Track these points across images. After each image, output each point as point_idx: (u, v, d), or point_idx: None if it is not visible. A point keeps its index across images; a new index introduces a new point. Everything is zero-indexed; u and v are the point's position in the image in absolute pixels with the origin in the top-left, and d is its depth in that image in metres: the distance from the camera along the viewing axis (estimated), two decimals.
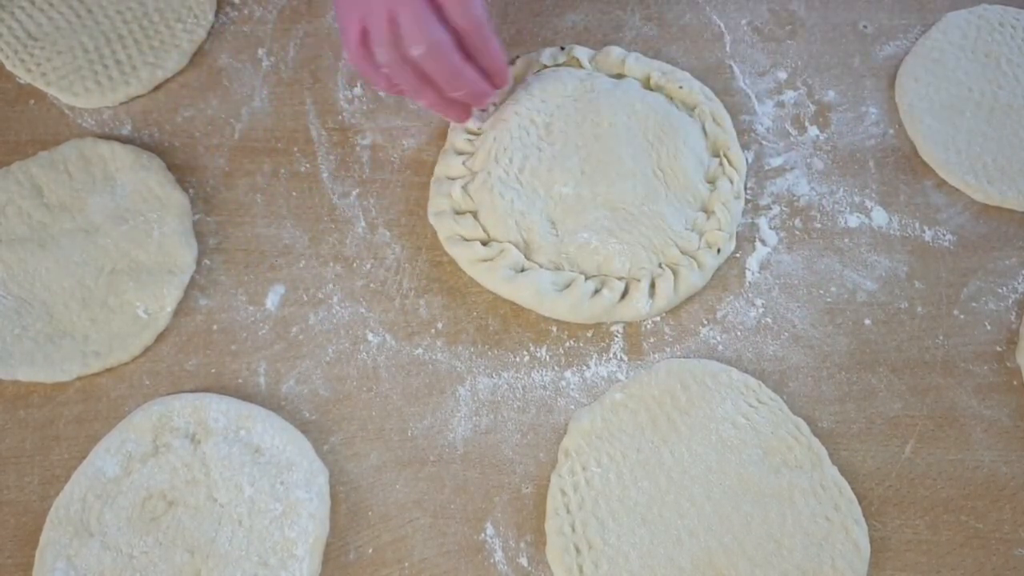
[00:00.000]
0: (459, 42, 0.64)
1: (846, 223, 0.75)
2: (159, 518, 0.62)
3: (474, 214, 0.72)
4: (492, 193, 0.72)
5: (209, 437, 0.64)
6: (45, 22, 0.80)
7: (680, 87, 0.77)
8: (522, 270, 0.70)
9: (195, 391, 0.67)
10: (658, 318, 0.71)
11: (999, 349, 0.71)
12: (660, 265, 0.71)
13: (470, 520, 0.64)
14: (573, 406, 0.68)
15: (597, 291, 0.69)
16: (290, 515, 0.62)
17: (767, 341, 0.71)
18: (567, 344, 0.70)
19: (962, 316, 0.72)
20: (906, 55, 0.82)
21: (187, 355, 0.69)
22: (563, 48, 0.79)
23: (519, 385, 0.68)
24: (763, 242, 0.74)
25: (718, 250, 0.71)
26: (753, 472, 0.64)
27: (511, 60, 0.80)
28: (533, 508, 0.64)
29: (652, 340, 0.70)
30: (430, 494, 0.65)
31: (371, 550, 0.63)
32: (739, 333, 0.71)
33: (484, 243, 0.71)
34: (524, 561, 0.63)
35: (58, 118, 0.78)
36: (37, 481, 0.65)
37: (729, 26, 0.84)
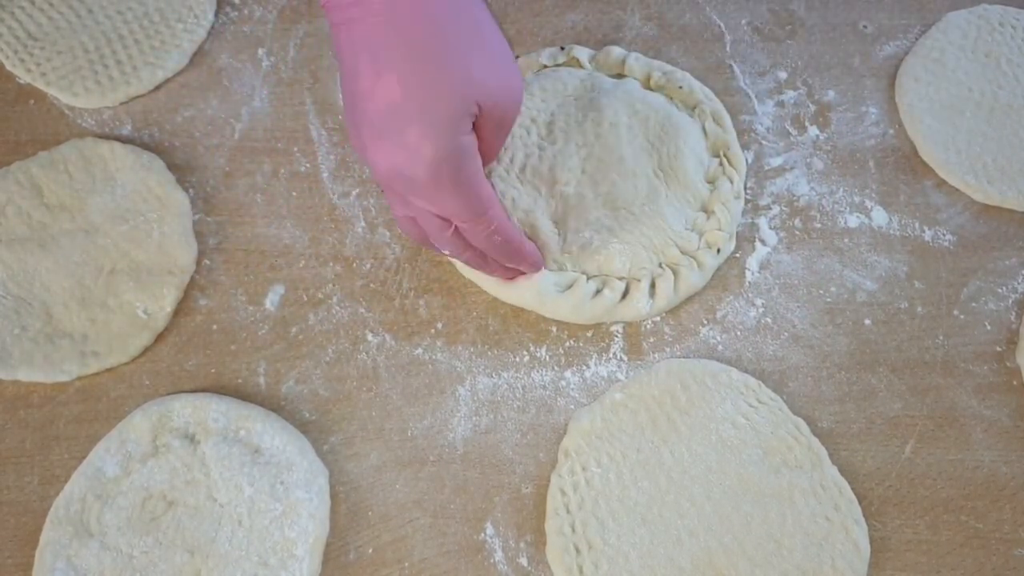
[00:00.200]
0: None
1: (846, 223, 0.75)
2: (159, 518, 0.62)
3: None
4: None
5: (209, 437, 0.64)
6: (45, 22, 0.80)
7: (680, 87, 0.77)
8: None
9: (195, 391, 0.67)
10: (658, 318, 0.71)
11: (999, 349, 0.71)
12: (660, 265, 0.71)
13: (470, 520, 0.64)
14: (573, 406, 0.68)
15: (598, 291, 0.69)
16: (290, 515, 0.62)
17: (767, 341, 0.71)
18: (567, 344, 0.70)
19: (962, 316, 0.72)
20: (906, 55, 0.82)
21: (187, 355, 0.69)
22: (563, 48, 0.79)
23: (519, 385, 0.68)
24: (763, 242, 0.74)
25: (718, 250, 0.71)
26: (753, 472, 0.64)
27: None
28: (533, 508, 0.64)
29: (652, 340, 0.70)
30: (430, 494, 0.65)
31: (371, 550, 0.63)
32: (739, 333, 0.71)
33: None
34: (524, 561, 0.63)
35: (58, 118, 0.78)
36: (37, 481, 0.65)
37: (729, 26, 0.84)
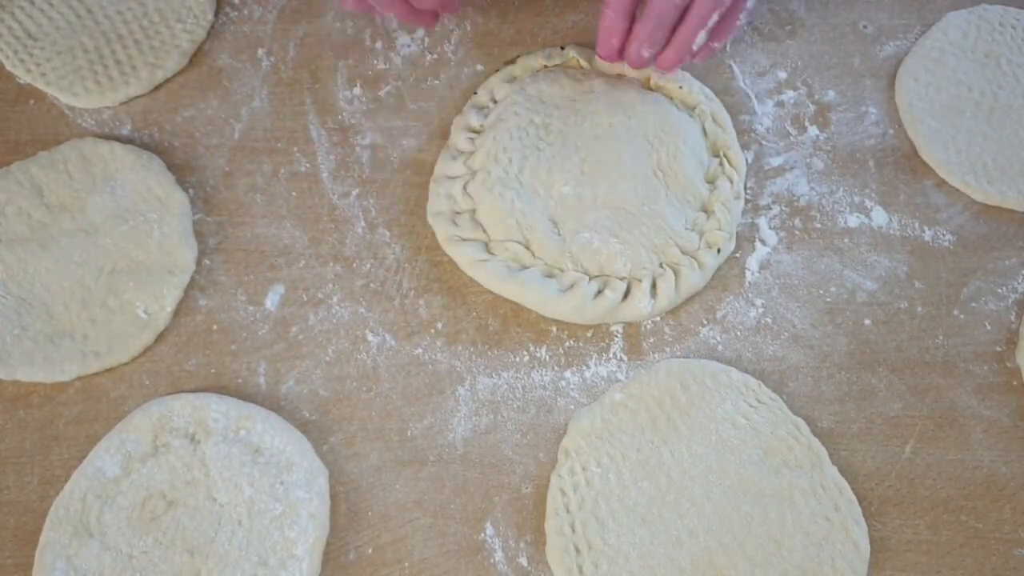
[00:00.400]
0: None
1: (846, 223, 0.75)
2: (159, 518, 0.62)
3: (475, 214, 0.72)
4: (492, 193, 0.72)
5: (209, 437, 0.64)
6: (45, 22, 0.80)
7: (680, 87, 0.77)
8: (523, 270, 0.70)
9: (195, 391, 0.67)
10: (658, 318, 0.71)
11: (999, 349, 0.71)
12: (661, 265, 0.71)
13: (470, 520, 0.64)
14: (573, 406, 0.68)
15: (599, 292, 0.69)
16: (290, 515, 0.62)
17: (767, 341, 0.70)
18: (567, 344, 0.70)
19: (962, 316, 0.72)
20: (906, 55, 0.82)
21: (187, 355, 0.69)
22: (563, 48, 0.79)
23: (519, 385, 0.68)
24: (763, 242, 0.74)
25: (718, 250, 0.71)
26: (753, 472, 0.64)
27: (511, 60, 0.80)
28: (533, 508, 0.64)
29: (652, 340, 0.70)
30: (430, 494, 0.65)
31: (371, 550, 0.63)
32: (739, 333, 0.71)
33: (485, 244, 0.71)
34: (524, 561, 0.63)
35: (58, 118, 0.78)
36: (37, 481, 0.65)
37: None
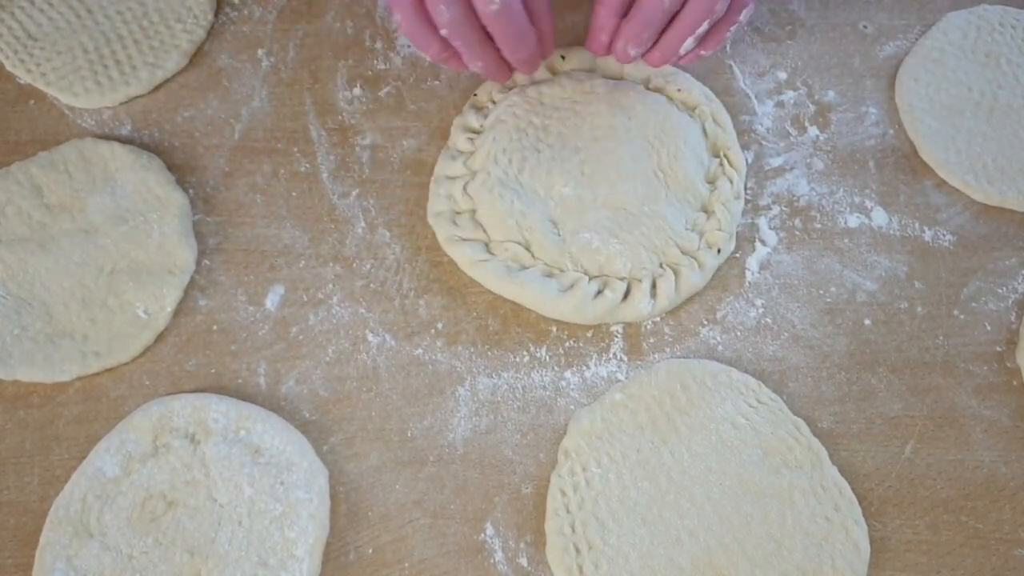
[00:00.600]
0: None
1: (846, 223, 0.75)
2: (159, 518, 0.62)
3: (475, 214, 0.72)
4: (492, 194, 0.72)
5: (209, 437, 0.64)
6: (45, 22, 0.80)
7: (680, 88, 0.77)
8: (523, 271, 0.70)
9: (195, 391, 0.67)
10: (658, 318, 0.71)
11: (999, 349, 0.71)
12: (661, 265, 0.71)
13: (470, 520, 0.64)
14: (573, 406, 0.68)
15: (599, 292, 0.69)
16: (290, 515, 0.62)
17: (767, 341, 0.71)
18: (567, 344, 0.70)
19: (962, 316, 0.72)
20: (906, 55, 0.82)
21: (187, 355, 0.69)
22: (563, 57, 0.79)
23: (519, 385, 0.68)
24: (763, 242, 0.74)
25: (718, 250, 0.71)
26: (753, 472, 0.64)
27: None
28: (533, 508, 0.64)
29: (652, 340, 0.70)
30: (430, 494, 0.65)
31: (371, 550, 0.63)
32: (739, 333, 0.71)
33: (485, 244, 0.71)
34: (524, 561, 0.63)
35: (58, 118, 0.78)
36: (37, 481, 0.65)
37: None
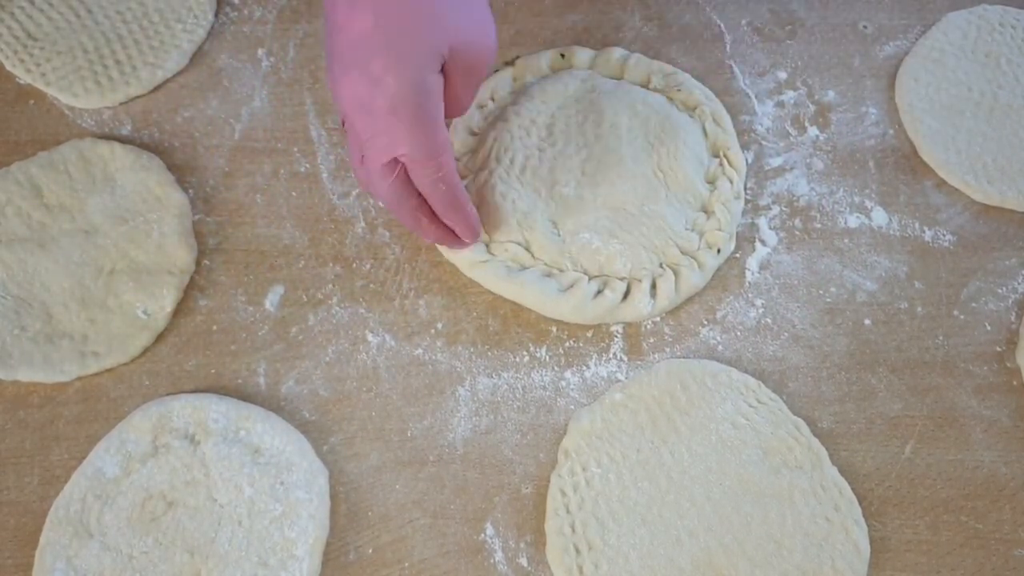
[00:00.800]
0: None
1: (846, 223, 0.75)
2: (159, 519, 0.62)
3: None
4: (493, 193, 0.71)
5: (209, 437, 0.64)
6: (45, 22, 0.80)
7: (680, 88, 0.77)
8: (523, 271, 0.70)
9: (194, 391, 0.67)
10: (658, 318, 0.71)
11: (999, 349, 0.71)
12: (661, 265, 0.71)
13: (470, 520, 0.64)
14: (573, 406, 0.68)
15: (599, 292, 0.69)
16: (290, 515, 0.62)
17: (767, 341, 0.70)
18: (567, 344, 0.70)
19: (962, 316, 0.72)
20: (906, 55, 0.82)
21: (187, 355, 0.69)
22: (563, 56, 0.79)
23: (519, 385, 0.68)
24: (763, 242, 0.74)
25: (718, 250, 0.71)
26: (753, 472, 0.64)
27: (511, 60, 0.80)
28: (533, 508, 0.64)
29: (652, 340, 0.70)
30: (430, 494, 0.65)
31: (371, 550, 0.63)
32: (739, 333, 0.71)
33: (485, 244, 0.71)
34: (524, 561, 0.63)
35: (58, 118, 0.78)
36: (37, 481, 0.65)
37: (729, 26, 0.84)
